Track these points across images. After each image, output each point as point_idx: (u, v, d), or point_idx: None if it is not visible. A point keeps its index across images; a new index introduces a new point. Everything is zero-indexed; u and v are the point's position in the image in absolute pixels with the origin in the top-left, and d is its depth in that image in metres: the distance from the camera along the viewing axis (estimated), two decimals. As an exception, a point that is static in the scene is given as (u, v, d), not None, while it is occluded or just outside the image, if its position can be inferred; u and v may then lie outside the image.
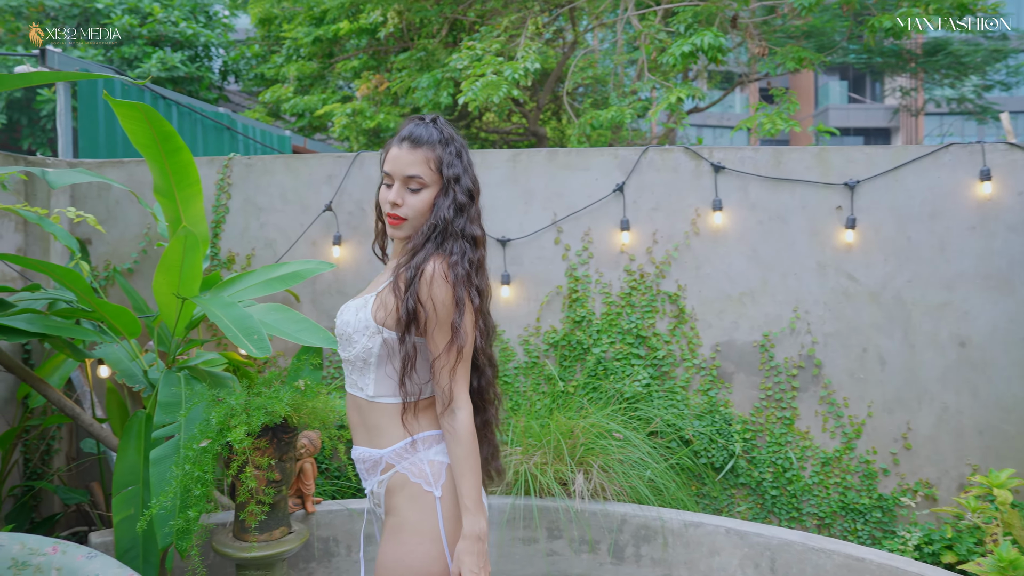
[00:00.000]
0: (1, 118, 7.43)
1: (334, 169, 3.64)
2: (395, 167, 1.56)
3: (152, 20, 8.03)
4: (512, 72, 5.61)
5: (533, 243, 3.55)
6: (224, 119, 5.20)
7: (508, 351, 3.56)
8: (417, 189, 1.56)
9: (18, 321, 2.62)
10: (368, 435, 1.59)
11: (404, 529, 1.52)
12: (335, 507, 3.04)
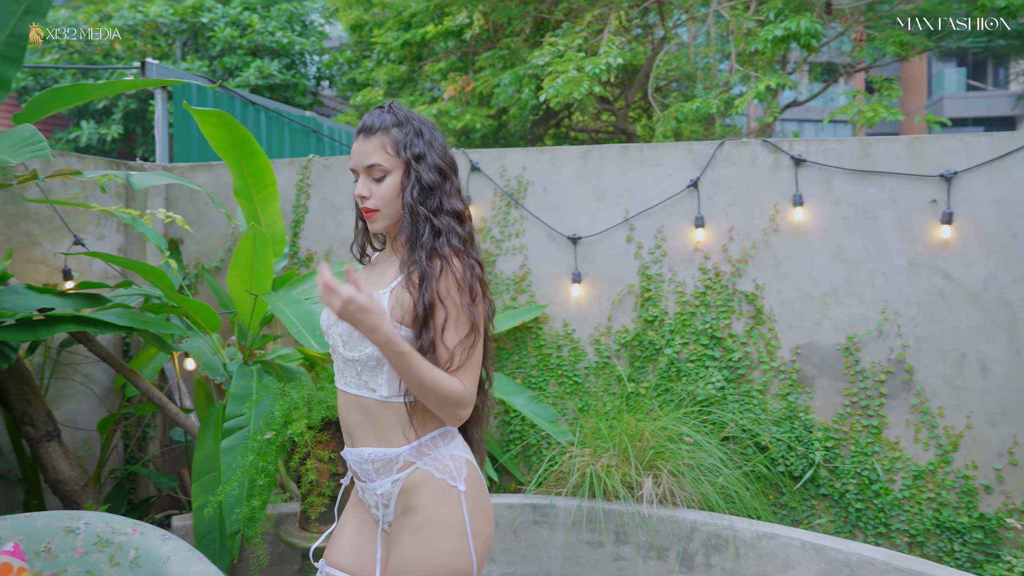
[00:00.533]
0: (119, 128, 7.96)
1: (407, 169, 3.69)
2: (356, 160, 1.54)
3: (251, 31, 8.41)
4: (594, 67, 5.53)
5: (604, 241, 3.48)
6: (310, 122, 5.37)
7: (578, 350, 3.50)
8: (380, 177, 1.52)
9: (109, 315, 2.77)
10: (378, 435, 1.54)
11: (428, 527, 1.49)
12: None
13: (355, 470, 1.60)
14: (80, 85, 2.37)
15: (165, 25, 8.39)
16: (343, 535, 1.66)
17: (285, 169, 3.84)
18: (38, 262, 3.42)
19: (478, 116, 7.82)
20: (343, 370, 1.58)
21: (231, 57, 8.33)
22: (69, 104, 2.39)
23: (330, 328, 1.61)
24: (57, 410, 3.42)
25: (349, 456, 1.60)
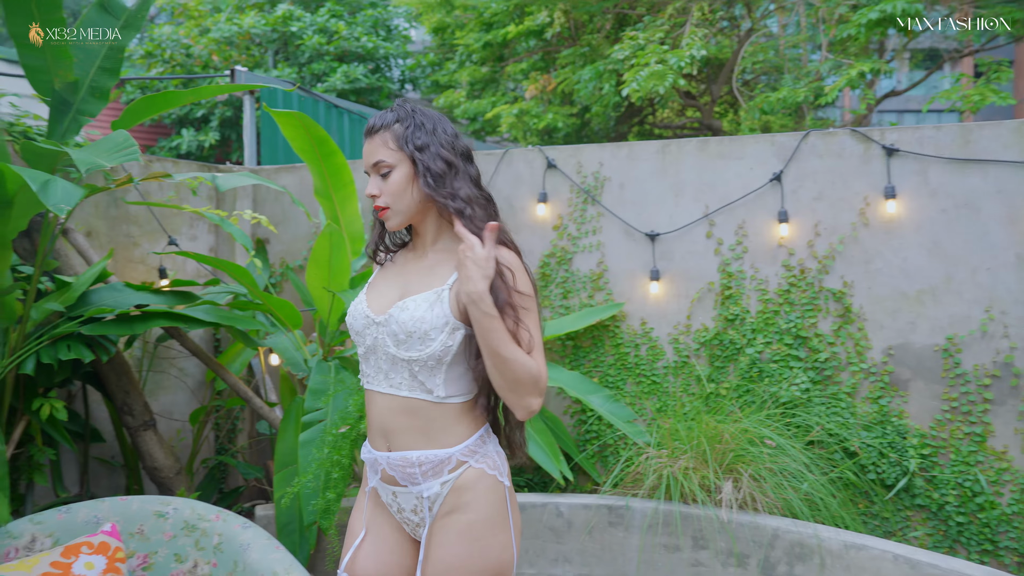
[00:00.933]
0: (215, 135, 8.34)
1: (483, 166, 3.70)
2: (366, 160, 1.54)
3: (338, 38, 8.66)
4: (677, 60, 5.41)
5: (684, 237, 3.39)
6: (393, 124, 5.47)
7: (657, 349, 3.43)
8: (387, 173, 1.51)
9: (198, 312, 2.90)
10: (428, 437, 1.50)
11: (478, 524, 1.48)
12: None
13: (392, 474, 1.54)
14: (170, 92, 2.49)
15: (258, 35, 8.74)
16: (364, 545, 1.60)
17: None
18: (137, 262, 3.61)
19: (560, 115, 7.79)
20: (389, 372, 1.52)
21: (319, 63, 8.60)
22: (161, 110, 2.51)
23: (367, 329, 1.54)
24: (154, 402, 3.61)
25: (385, 461, 1.54)
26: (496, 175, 3.67)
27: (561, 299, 3.59)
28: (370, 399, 1.56)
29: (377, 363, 1.54)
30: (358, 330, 1.55)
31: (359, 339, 1.55)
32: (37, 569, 1.99)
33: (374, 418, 1.55)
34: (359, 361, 1.60)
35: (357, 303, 1.58)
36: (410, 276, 1.57)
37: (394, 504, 1.58)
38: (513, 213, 3.66)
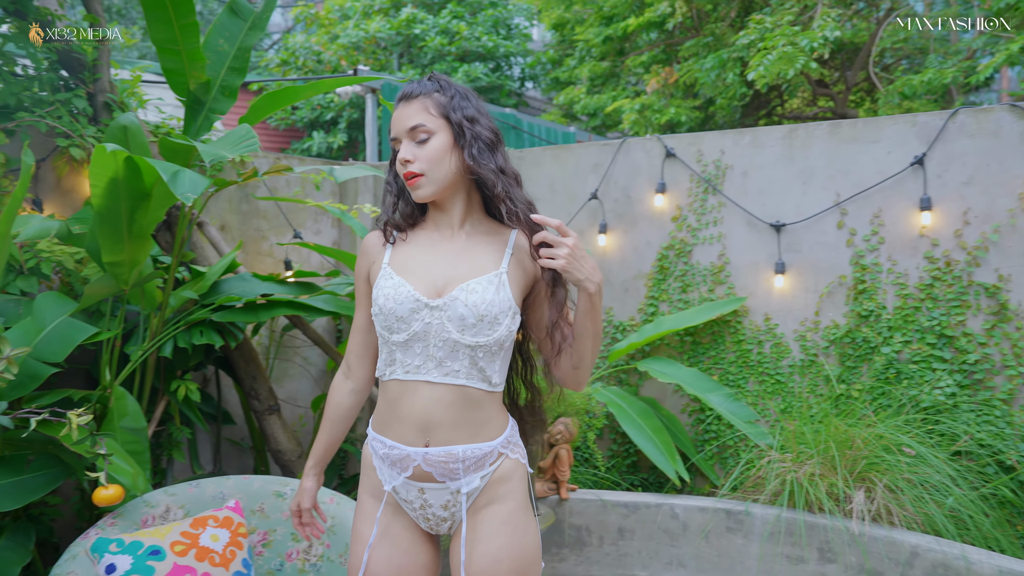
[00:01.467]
0: (343, 136, 8.70)
1: (600, 157, 3.62)
2: (397, 126, 1.44)
3: (459, 38, 8.81)
4: (809, 41, 5.08)
5: (812, 227, 3.17)
6: (510, 119, 5.49)
7: (781, 347, 3.23)
8: (425, 139, 1.42)
9: (318, 302, 3.00)
10: (475, 429, 1.43)
11: (517, 513, 1.46)
12: (589, 496, 3.02)
13: (429, 471, 1.44)
14: (291, 87, 2.58)
15: (383, 39, 9.04)
16: (377, 549, 1.50)
17: (481, 163, 3.94)
18: (265, 254, 3.79)
19: (683, 108, 7.56)
20: (445, 359, 1.42)
21: (440, 64, 8.78)
22: (284, 104, 2.61)
23: (416, 314, 1.41)
24: (279, 388, 3.78)
25: (422, 457, 1.44)
26: (613, 165, 3.58)
27: (680, 293, 3.45)
28: (410, 390, 1.43)
29: (427, 351, 1.42)
30: (402, 315, 1.41)
31: (400, 325, 1.42)
32: (169, 537, 2.11)
33: (413, 411, 1.44)
34: (393, 350, 1.45)
35: (397, 286, 1.43)
36: (448, 258, 1.47)
37: (417, 501, 1.48)
38: (630, 204, 3.56)
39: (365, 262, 1.55)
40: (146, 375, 2.85)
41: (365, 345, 1.60)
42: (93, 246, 2.32)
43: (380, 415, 1.50)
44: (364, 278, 1.56)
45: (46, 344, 2.23)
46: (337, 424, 1.62)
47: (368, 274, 1.55)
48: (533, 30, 11.18)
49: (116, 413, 2.48)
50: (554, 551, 3.03)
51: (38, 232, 2.27)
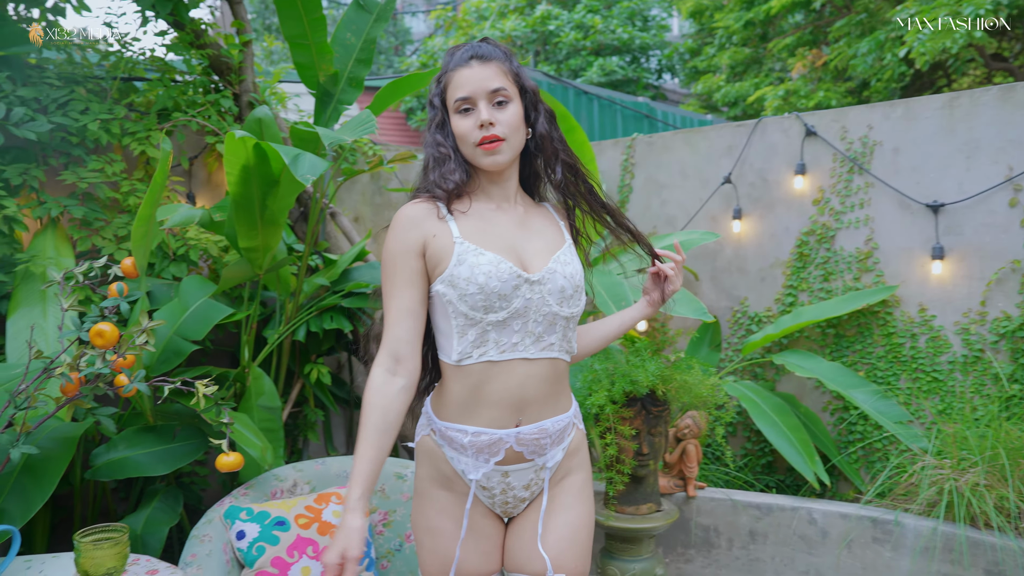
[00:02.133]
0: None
1: (734, 139, 3.42)
2: (475, 86, 1.35)
3: (594, 32, 8.72)
4: (975, 8, 4.56)
5: (977, 207, 2.83)
6: (643, 108, 5.34)
7: (939, 340, 2.90)
8: (504, 102, 1.36)
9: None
10: (557, 402, 1.43)
11: (587, 482, 1.50)
12: (719, 495, 2.85)
13: (520, 451, 1.39)
14: (414, 75, 2.62)
15: (518, 38, 9.12)
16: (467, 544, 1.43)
17: (610, 151, 3.84)
18: (397, 245, 3.90)
19: (833, 92, 7.07)
20: (543, 334, 1.37)
21: (575, 59, 8.75)
22: (406, 92, 2.66)
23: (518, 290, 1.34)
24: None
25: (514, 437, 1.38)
26: (748, 147, 3.38)
27: (821, 282, 3.19)
28: (503, 371, 1.36)
29: (526, 327, 1.35)
30: (503, 293, 1.33)
31: (501, 303, 1.33)
32: (294, 510, 2.19)
33: (508, 391, 1.36)
34: (486, 330, 1.35)
35: (496, 262, 1.34)
36: (516, 230, 1.42)
37: (499, 486, 1.42)
38: (766, 187, 3.34)
39: (416, 235, 1.37)
40: (282, 358, 2.99)
41: (416, 332, 1.39)
42: (231, 232, 2.46)
43: (456, 402, 1.39)
44: (416, 253, 1.37)
45: (188, 323, 2.39)
46: (386, 434, 1.32)
47: (422, 249, 1.37)
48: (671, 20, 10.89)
49: (253, 392, 2.61)
50: (679, 551, 2.89)
51: (183, 219, 2.44)
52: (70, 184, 2.68)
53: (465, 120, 1.37)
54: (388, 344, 1.37)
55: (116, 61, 2.84)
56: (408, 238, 1.37)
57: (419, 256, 1.37)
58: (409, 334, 1.37)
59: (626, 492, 2.44)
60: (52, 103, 2.60)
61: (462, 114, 1.38)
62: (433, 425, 1.43)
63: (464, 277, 1.32)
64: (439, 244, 1.36)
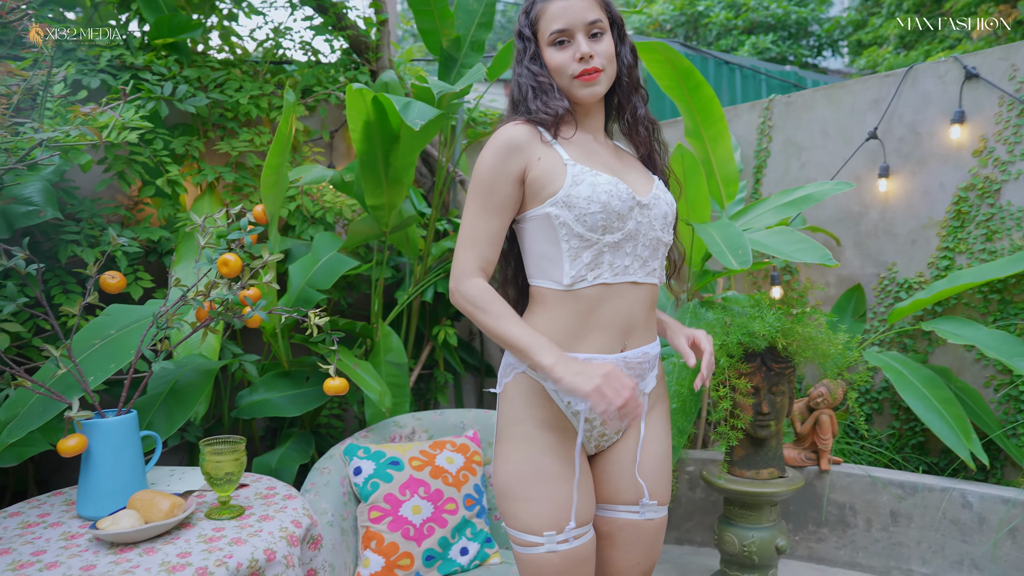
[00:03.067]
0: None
1: (880, 92, 3.15)
2: (572, 17, 1.34)
3: (746, 10, 8.36)
4: None
5: None
6: (791, 77, 5.05)
7: None
8: (599, 34, 1.36)
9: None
10: (650, 329, 1.44)
11: (668, 411, 1.51)
12: (856, 471, 2.65)
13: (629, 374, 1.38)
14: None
15: (666, 21, 8.92)
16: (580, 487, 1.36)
17: (746, 114, 3.67)
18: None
19: None
20: (649, 258, 1.37)
21: (726, 39, 8.43)
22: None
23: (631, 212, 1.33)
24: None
25: (623, 362, 1.37)
26: (897, 99, 3.10)
27: (983, 242, 2.87)
28: (615, 294, 1.35)
29: (635, 250, 1.35)
30: (622, 213, 1.32)
31: (619, 223, 1.32)
32: (409, 453, 2.28)
33: (618, 315, 1.35)
34: (602, 251, 1.33)
35: (614, 183, 1.32)
36: (614, 161, 1.43)
37: (598, 423, 1.39)
38: (918, 141, 3.04)
39: (519, 160, 1.33)
40: (411, 319, 3.12)
41: (498, 255, 1.38)
42: (359, 191, 2.60)
43: (564, 329, 1.35)
44: (515, 179, 1.34)
45: (318, 274, 2.55)
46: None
47: (522, 174, 1.34)
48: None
49: (382, 348, 2.75)
50: (811, 529, 2.70)
51: (316, 178, 2.61)
52: (224, 154, 2.95)
53: (561, 52, 1.36)
54: (478, 262, 1.34)
55: (270, 48, 3.10)
56: (509, 162, 1.33)
57: (517, 182, 1.34)
58: (495, 256, 1.36)
59: (745, 455, 2.32)
60: (211, 82, 2.87)
61: (557, 47, 1.36)
62: None
63: (585, 196, 1.30)
64: (546, 166, 1.33)
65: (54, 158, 2.00)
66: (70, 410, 1.59)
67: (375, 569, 2.09)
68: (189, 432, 2.63)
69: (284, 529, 1.59)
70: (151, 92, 2.57)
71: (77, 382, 1.70)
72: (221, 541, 1.51)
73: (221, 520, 1.61)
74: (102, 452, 1.63)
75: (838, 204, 3.29)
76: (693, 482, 2.87)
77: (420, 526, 2.15)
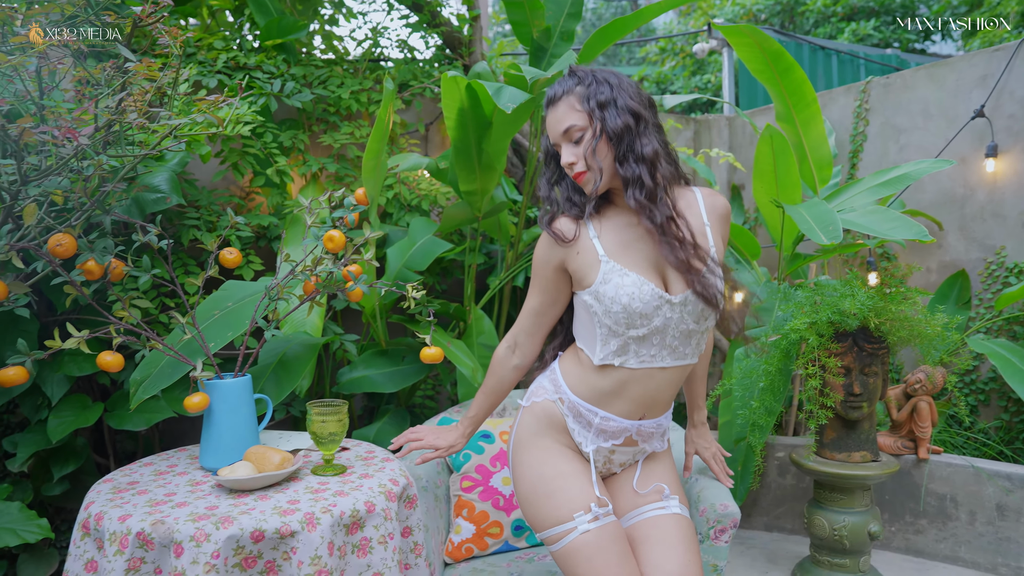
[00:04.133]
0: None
1: (989, 68, 3.01)
2: (552, 132, 1.46)
3: (846, -6, 8.07)
4: None
5: None
6: (892, 60, 4.87)
7: None
8: (579, 137, 1.41)
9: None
10: (671, 402, 1.59)
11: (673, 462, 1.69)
12: (958, 462, 2.56)
13: (636, 439, 1.58)
14: (617, 20, 2.68)
15: (761, 11, 8.72)
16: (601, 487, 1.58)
17: (841, 98, 3.58)
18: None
19: None
20: (679, 346, 1.46)
21: (824, 27, 8.15)
22: (614, 38, 2.71)
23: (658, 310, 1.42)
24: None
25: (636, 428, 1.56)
26: (1008, 73, 2.96)
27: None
28: (644, 376, 1.48)
29: (664, 340, 1.44)
30: (645, 313, 1.41)
31: (642, 321, 1.41)
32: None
33: (642, 394, 1.50)
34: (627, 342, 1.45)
35: (639, 284, 1.41)
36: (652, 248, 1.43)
37: (603, 458, 1.60)
38: (1031, 120, 2.90)
39: (559, 253, 1.49)
40: (503, 303, 3.21)
41: (537, 326, 1.60)
42: (453, 177, 2.71)
43: (598, 391, 1.51)
44: (555, 267, 1.51)
45: (415, 256, 2.68)
46: (496, 396, 1.69)
47: (562, 264, 1.50)
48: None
49: (474, 330, 2.85)
50: (908, 519, 2.62)
51: (412, 165, 2.74)
52: (327, 146, 3.13)
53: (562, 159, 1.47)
54: (513, 331, 1.65)
55: (369, 47, 3.27)
56: (551, 253, 1.51)
57: (558, 270, 1.52)
58: (531, 328, 1.61)
59: (836, 438, 2.28)
60: (315, 80, 3.06)
61: (558, 153, 1.51)
62: (563, 395, 1.55)
63: (610, 296, 1.42)
64: (584, 260, 1.47)
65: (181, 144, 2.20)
66: (195, 371, 1.75)
67: (466, 535, 2.19)
68: (294, 407, 2.82)
69: (383, 486, 1.70)
70: (262, 89, 2.77)
71: (200, 348, 1.87)
72: (326, 493, 1.63)
73: (325, 476, 1.74)
74: (221, 410, 1.79)
75: (940, 187, 3.17)
76: (783, 468, 2.83)
77: (509, 497, 2.23)
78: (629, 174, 1.39)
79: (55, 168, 1.65)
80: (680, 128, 4.16)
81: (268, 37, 2.97)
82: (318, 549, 1.49)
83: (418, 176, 3.11)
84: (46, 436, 2.30)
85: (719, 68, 8.73)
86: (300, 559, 1.48)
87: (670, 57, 9.57)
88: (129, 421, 2.31)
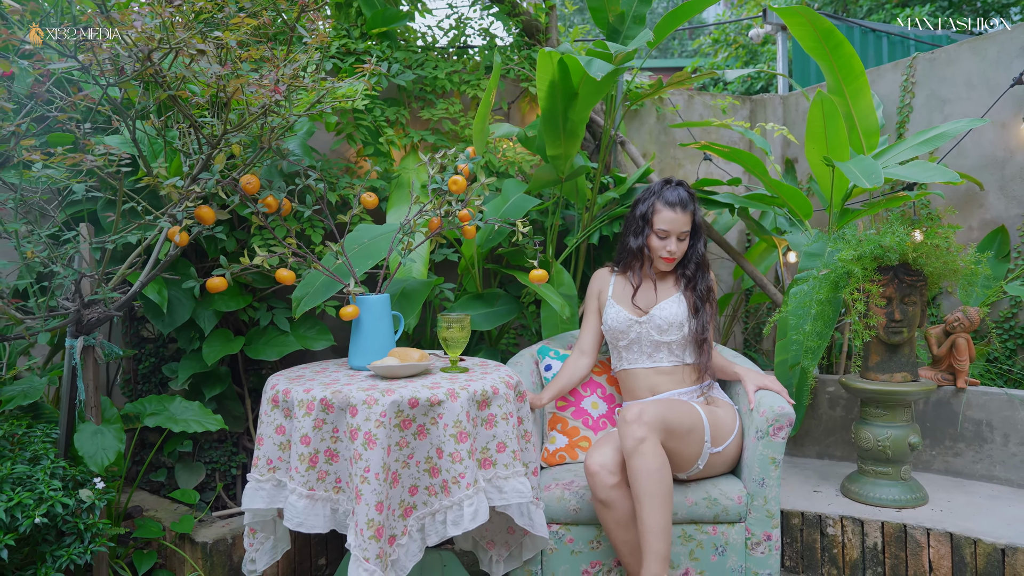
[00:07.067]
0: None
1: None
2: (673, 226, 2.36)
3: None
4: None
5: None
6: (943, 42, 5.11)
7: None
8: (683, 239, 2.40)
9: (723, 197, 3.41)
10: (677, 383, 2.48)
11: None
12: (993, 391, 2.86)
13: None
14: (686, 3, 3.05)
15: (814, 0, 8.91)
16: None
17: (888, 74, 3.87)
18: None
19: None
20: (653, 353, 2.44)
21: (878, 14, 8.32)
22: (683, 20, 3.08)
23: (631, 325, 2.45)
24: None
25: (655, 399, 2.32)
26: (1042, 48, 3.23)
27: None
28: (635, 375, 2.49)
29: (641, 348, 2.48)
30: (623, 330, 2.46)
31: (622, 336, 2.50)
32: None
33: (643, 385, 2.49)
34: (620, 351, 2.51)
35: (616, 312, 2.48)
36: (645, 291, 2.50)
37: None
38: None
39: (597, 287, 2.59)
40: (579, 261, 3.61)
41: (591, 338, 2.58)
42: (540, 143, 3.12)
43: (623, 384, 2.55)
44: (594, 296, 2.58)
45: (509, 210, 3.10)
46: (568, 384, 2.54)
47: (598, 294, 2.58)
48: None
49: (555, 282, 3.25)
50: (947, 444, 2.93)
51: (505, 132, 3.16)
52: (424, 120, 3.57)
53: (660, 241, 2.40)
54: (578, 342, 2.60)
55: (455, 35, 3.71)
56: (592, 287, 2.60)
57: (596, 298, 2.58)
58: (587, 340, 2.58)
59: (880, 360, 2.62)
60: (414, 63, 3.50)
61: (659, 236, 2.40)
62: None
63: (606, 321, 2.50)
64: (604, 297, 2.55)
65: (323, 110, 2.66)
66: (349, 287, 2.20)
67: (560, 445, 2.59)
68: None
69: (502, 377, 2.13)
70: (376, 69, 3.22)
71: (348, 271, 2.32)
72: (458, 381, 2.06)
73: (453, 373, 2.17)
74: (368, 320, 2.24)
75: (981, 152, 3.46)
76: (833, 401, 3.17)
77: (596, 419, 2.62)
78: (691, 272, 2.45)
79: (248, 122, 2.12)
80: (738, 105, 4.50)
81: (374, 26, 3.42)
82: (459, 416, 1.92)
83: (505, 145, 3.53)
84: (200, 361, 2.78)
85: (771, 58, 8.97)
86: (446, 422, 1.91)
87: (723, 48, 9.83)
88: (263, 352, 2.79)
